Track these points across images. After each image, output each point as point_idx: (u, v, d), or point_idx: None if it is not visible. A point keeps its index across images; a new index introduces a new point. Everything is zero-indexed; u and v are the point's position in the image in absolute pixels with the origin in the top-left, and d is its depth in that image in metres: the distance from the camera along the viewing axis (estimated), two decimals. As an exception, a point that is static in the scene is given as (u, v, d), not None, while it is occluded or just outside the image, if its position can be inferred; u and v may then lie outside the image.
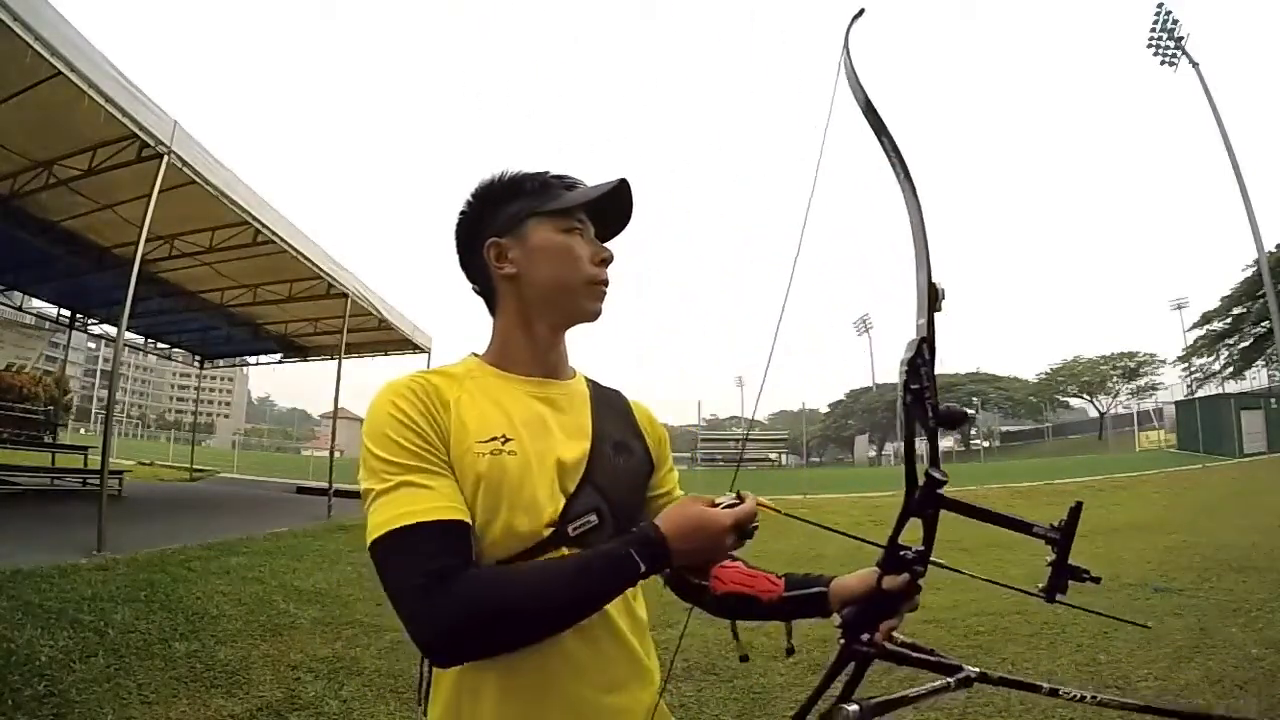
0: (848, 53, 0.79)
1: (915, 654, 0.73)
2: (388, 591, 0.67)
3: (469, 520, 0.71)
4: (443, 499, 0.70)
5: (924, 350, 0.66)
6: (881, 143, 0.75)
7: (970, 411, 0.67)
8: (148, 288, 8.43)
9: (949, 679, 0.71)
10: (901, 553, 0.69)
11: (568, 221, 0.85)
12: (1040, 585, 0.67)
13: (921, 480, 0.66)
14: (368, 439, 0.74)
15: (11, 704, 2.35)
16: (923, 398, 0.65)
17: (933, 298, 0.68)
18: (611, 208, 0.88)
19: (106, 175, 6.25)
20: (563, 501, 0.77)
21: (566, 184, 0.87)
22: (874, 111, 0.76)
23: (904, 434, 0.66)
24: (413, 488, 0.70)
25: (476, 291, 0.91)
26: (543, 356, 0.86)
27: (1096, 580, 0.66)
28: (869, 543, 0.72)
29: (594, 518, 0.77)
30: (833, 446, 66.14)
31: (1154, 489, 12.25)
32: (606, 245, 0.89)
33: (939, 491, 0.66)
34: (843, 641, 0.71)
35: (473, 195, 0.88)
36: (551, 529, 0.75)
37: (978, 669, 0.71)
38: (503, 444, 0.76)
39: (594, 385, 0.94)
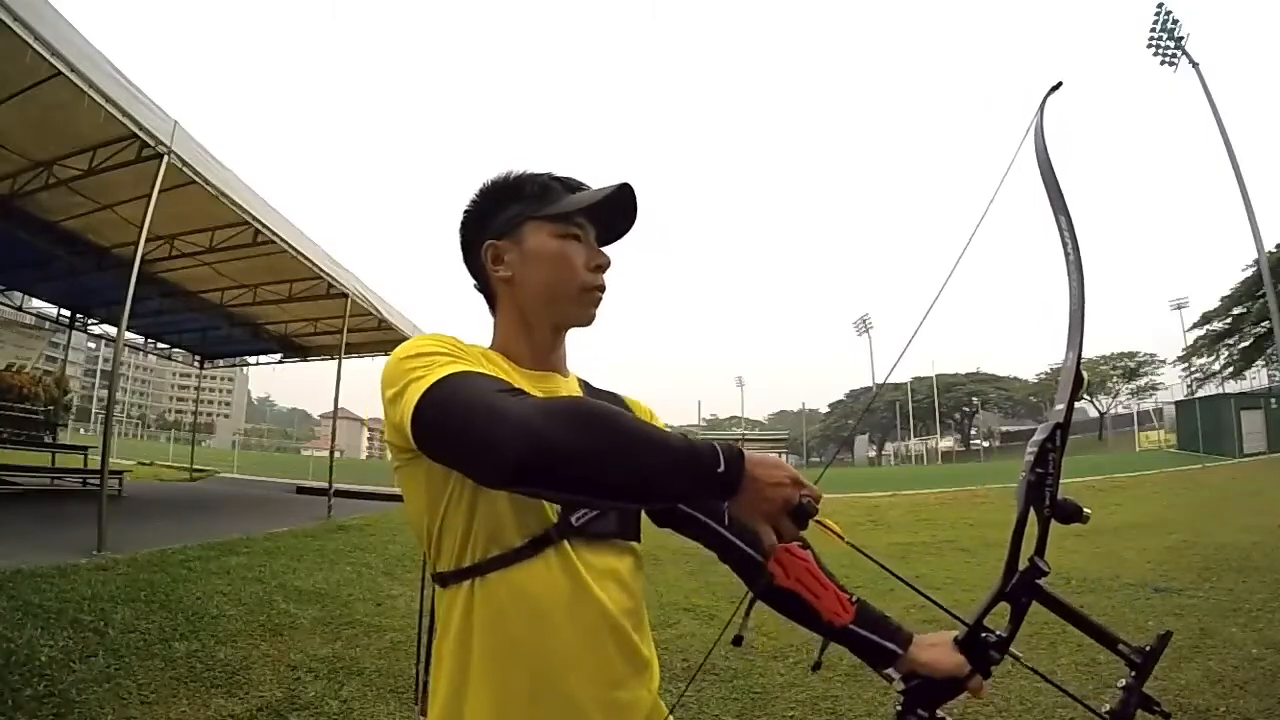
0: (1040, 122, 0.75)
1: None
2: (451, 426, 0.62)
3: None
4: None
5: (1056, 436, 0.64)
6: (1058, 220, 0.72)
7: (1087, 512, 0.63)
8: (148, 288, 8.42)
9: None
10: (983, 635, 0.68)
11: (565, 226, 0.84)
12: (1107, 708, 0.64)
13: (1024, 565, 0.64)
14: (397, 356, 0.72)
15: (11, 704, 2.35)
16: (1044, 484, 0.63)
17: (1078, 384, 0.65)
18: (614, 211, 0.87)
19: (106, 175, 6.24)
20: None
21: (569, 186, 0.87)
22: (1057, 187, 0.73)
23: (1017, 515, 0.63)
24: (456, 363, 0.69)
25: (477, 289, 0.91)
26: (545, 356, 0.87)
27: (1167, 715, 0.63)
28: (952, 614, 0.70)
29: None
30: (833, 446, 66.19)
31: (1154, 489, 12.24)
32: (609, 247, 0.88)
33: (1039, 582, 0.65)
34: (900, 709, 0.72)
35: (477, 194, 0.88)
36: (557, 518, 0.75)
37: None
38: None
39: (586, 386, 0.95)
